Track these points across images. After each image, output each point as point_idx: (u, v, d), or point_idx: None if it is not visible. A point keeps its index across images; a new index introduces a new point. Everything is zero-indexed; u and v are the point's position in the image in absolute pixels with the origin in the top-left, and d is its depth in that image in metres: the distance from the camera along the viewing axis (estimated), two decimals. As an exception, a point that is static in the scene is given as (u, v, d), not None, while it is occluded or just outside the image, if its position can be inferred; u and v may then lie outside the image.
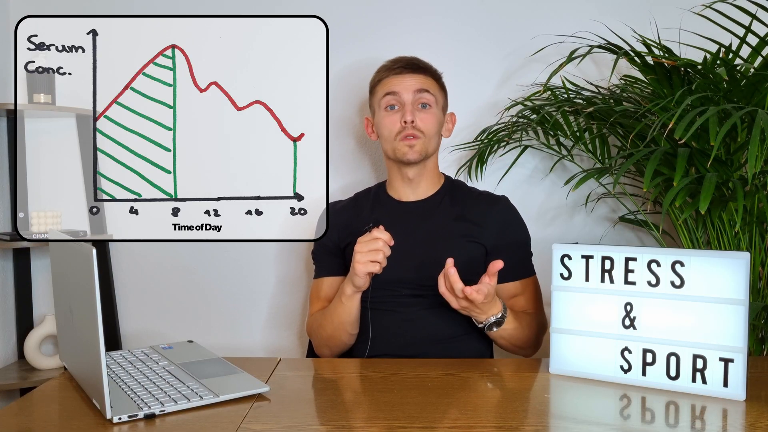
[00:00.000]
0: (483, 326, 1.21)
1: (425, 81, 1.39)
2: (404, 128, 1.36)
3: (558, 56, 1.70)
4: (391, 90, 1.38)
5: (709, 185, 1.18)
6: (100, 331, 0.84)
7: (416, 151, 1.36)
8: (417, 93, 1.37)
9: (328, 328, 1.34)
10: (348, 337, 1.34)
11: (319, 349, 1.40)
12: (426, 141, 1.37)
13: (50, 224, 1.82)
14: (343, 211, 1.48)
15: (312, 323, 1.43)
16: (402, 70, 1.38)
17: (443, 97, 1.44)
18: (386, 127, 1.39)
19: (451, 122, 1.48)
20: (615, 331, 1.05)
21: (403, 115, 1.36)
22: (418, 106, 1.38)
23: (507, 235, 1.38)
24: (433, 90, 1.39)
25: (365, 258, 1.21)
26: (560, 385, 1.05)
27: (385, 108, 1.39)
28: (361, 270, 1.22)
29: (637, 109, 1.45)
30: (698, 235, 1.47)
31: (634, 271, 1.04)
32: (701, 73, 1.34)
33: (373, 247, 1.21)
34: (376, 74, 1.43)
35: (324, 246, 1.47)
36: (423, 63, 1.42)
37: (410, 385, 1.04)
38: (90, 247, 0.84)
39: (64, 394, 1.01)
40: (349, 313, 1.30)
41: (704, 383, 0.98)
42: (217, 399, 0.96)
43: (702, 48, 1.42)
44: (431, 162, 1.43)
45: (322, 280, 1.46)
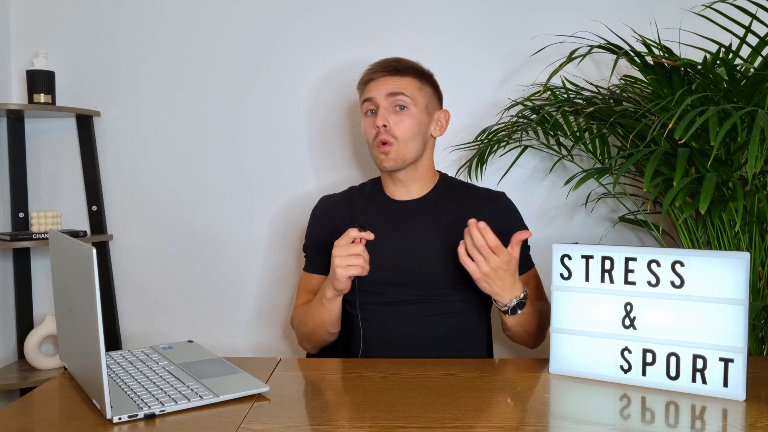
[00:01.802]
0: (507, 309, 1.19)
1: (400, 83, 1.35)
2: (378, 133, 1.34)
3: (558, 56, 1.70)
4: (367, 96, 1.37)
5: (709, 185, 1.18)
6: (100, 331, 0.84)
7: (391, 158, 1.34)
8: (390, 97, 1.34)
9: (309, 324, 1.34)
10: (329, 335, 1.34)
11: (302, 343, 1.41)
12: (400, 146, 1.34)
13: (50, 224, 1.82)
14: (337, 206, 1.45)
15: (295, 316, 1.43)
16: (379, 74, 1.36)
17: (426, 97, 1.38)
18: (365, 132, 1.39)
19: (444, 120, 1.43)
20: (615, 331, 1.05)
21: (376, 120, 1.34)
22: (396, 109, 1.35)
23: (508, 232, 1.37)
24: (410, 91, 1.35)
25: (344, 262, 1.19)
26: (560, 384, 1.05)
27: (365, 113, 1.39)
28: (342, 274, 1.19)
29: (637, 109, 1.45)
30: (698, 235, 1.47)
31: (634, 271, 1.03)
32: (701, 73, 1.34)
33: (352, 252, 1.19)
34: (361, 77, 1.41)
35: (315, 241, 1.44)
36: (402, 64, 1.38)
37: (410, 385, 1.04)
38: (90, 247, 0.84)
39: (64, 394, 1.01)
40: (330, 315, 1.29)
41: (704, 383, 0.98)
42: (217, 399, 0.96)
43: (702, 48, 1.42)
44: (423, 164, 1.40)
45: (311, 275, 1.45)
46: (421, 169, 1.40)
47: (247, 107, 1.89)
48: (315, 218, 1.48)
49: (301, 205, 1.87)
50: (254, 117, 1.89)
